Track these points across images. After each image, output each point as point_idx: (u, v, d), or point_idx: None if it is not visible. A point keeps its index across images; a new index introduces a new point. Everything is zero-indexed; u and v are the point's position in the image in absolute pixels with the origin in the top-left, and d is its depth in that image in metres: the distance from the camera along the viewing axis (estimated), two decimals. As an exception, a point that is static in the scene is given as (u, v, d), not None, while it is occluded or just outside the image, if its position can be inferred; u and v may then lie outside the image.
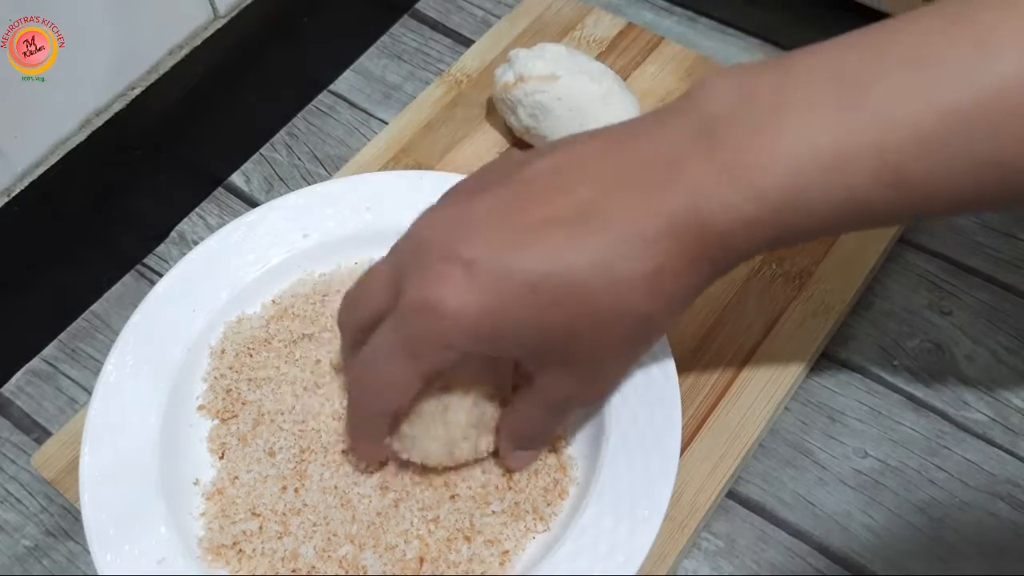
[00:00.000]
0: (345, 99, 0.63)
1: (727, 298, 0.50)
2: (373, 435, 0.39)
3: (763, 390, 0.47)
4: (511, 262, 0.33)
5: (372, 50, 0.65)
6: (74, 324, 0.54)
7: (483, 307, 0.33)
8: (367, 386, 0.38)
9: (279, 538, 0.41)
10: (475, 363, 0.39)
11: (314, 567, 0.40)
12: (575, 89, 0.51)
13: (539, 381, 0.37)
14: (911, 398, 0.49)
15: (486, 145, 0.56)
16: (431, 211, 0.37)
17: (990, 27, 0.30)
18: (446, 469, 0.42)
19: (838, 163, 0.30)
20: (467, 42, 0.64)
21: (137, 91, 0.52)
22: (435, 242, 0.34)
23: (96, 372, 0.44)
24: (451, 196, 0.37)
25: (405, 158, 0.56)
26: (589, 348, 0.35)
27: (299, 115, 0.62)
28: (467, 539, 0.40)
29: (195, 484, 0.43)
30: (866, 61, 0.31)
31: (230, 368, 0.45)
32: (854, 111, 0.30)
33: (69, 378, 0.52)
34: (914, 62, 0.30)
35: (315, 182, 0.58)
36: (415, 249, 0.35)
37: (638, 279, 0.32)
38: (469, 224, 0.34)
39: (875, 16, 0.57)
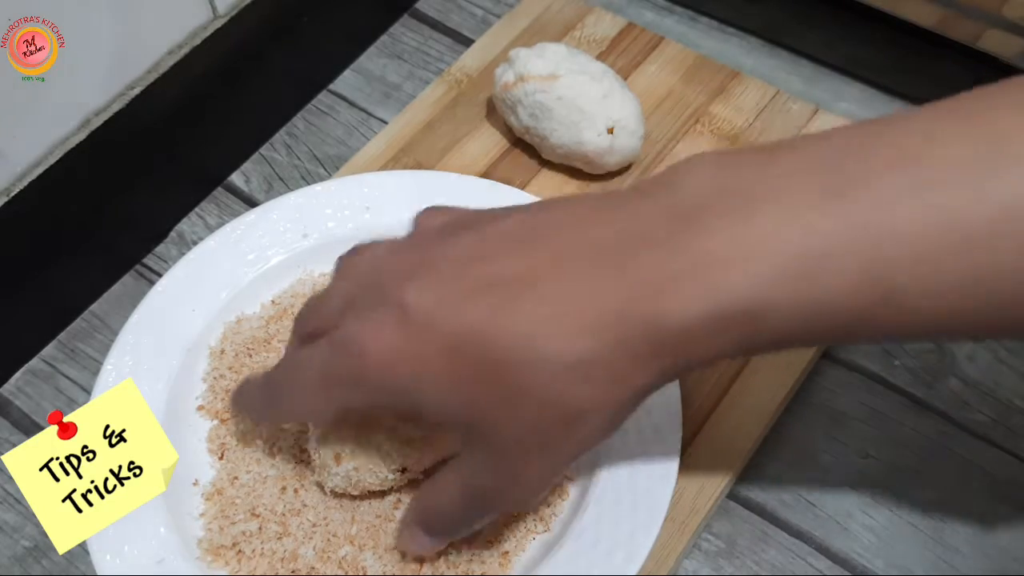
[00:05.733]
0: (345, 99, 0.63)
1: (728, 298, 0.49)
2: (264, 418, 0.41)
3: (764, 390, 0.47)
4: (442, 316, 0.30)
5: (372, 50, 0.65)
6: (73, 324, 0.54)
7: (400, 356, 0.31)
8: (280, 393, 0.37)
9: (279, 539, 0.41)
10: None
11: (314, 568, 0.40)
12: (575, 89, 0.51)
13: (461, 459, 0.34)
14: (912, 399, 0.49)
15: (486, 145, 0.56)
16: (400, 244, 0.35)
17: (1006, 131, 0.27)
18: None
19: (816, 269, 0.27)
20: (467, 42, 0.63)
21: (137, 91, 0.52)
22: (388, 282, 0.32)
23: (96, 372, 0.44)
24: (423, 232, 0.35)
25: (405, 158, 0.55)
26: (506, 431, 0.31)
27: (299, 115, 0.62)
28: (467, 540, 0.40)
29: (194, 485, 0.43)
30: (860, 158, 0.28)
31: (230, 368, 0.45)
32: (841, 214, 0.27)
33: (68, 378, 0.52)
34: (914, 161, 0.27)
35: (315, 182, 0.58)
36: (371, 284, 0.33)
37: (562, 365, 0.29)
38: (425, 268, 0.32)
39: (874, 16, 0.57)
